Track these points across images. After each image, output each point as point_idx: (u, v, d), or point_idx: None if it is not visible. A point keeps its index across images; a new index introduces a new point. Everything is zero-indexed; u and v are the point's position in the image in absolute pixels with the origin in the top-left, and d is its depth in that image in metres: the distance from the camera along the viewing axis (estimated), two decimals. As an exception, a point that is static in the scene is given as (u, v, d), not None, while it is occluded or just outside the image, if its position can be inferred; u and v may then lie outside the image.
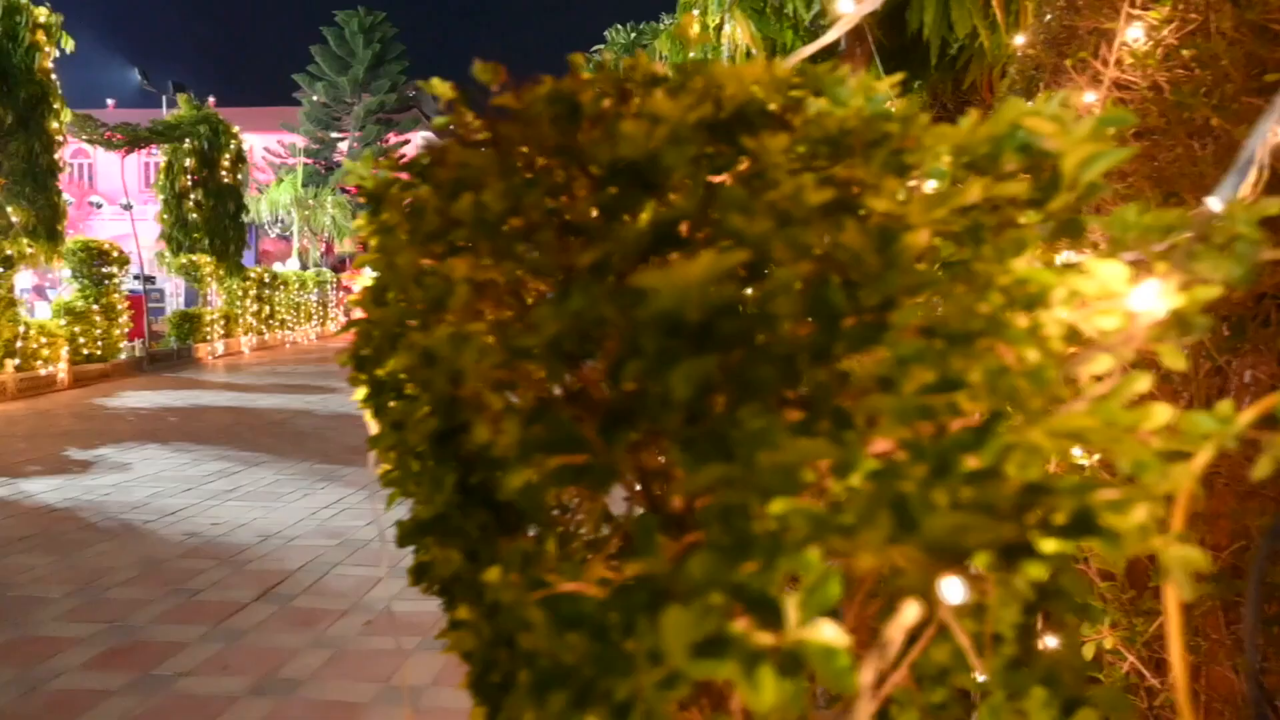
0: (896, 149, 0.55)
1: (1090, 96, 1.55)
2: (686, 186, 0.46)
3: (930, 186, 0.59)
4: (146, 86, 24.69)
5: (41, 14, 10.86)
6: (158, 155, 19.08)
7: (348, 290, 26.53)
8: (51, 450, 7.07)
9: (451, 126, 0.72)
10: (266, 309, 18.74)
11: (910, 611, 0.40)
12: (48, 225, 11.00)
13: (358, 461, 6.58)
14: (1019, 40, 2.03)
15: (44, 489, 5.65)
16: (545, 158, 0.54)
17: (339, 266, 27.73)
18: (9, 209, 10.73)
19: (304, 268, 23.72)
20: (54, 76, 11.14)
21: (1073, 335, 0.48)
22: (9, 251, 9.96)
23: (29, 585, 3.80)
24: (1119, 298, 0.46)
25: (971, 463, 0.40)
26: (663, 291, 0.35)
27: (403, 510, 0.79)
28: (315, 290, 22.10)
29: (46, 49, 10.90)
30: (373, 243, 0.83)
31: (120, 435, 7.83)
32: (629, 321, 0.38)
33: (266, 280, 18.77)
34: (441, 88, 0.74)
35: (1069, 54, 1.68)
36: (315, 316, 22.17)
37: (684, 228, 0.49)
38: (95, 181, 33.48)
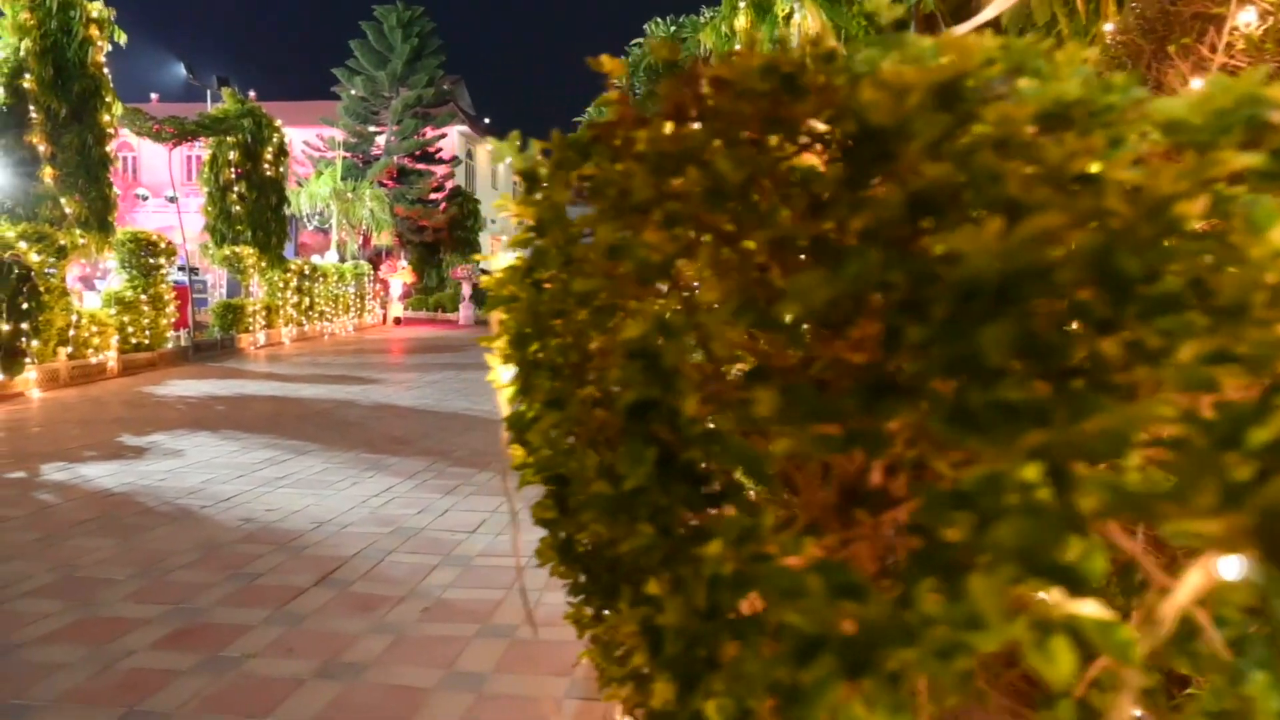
0: (1114, 121, 0.54)
1: (1197, 83, 1.51)
2: (935, 154, 0.45)
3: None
4: (192, 81, 25.12)
5: (95, 9, 11.09)
6: (198, 149, 19.41)
7: (384, 283, 26.78)
8: (106, 436, 7.23)
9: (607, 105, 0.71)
10: (306, 301, 18.99)
11: (1186, 589, 0.39)
12: (99, 216, 11.25)
13: (403, 451, 6.66)
14: (1108, 28, 1.99)
15: (102, 473, 5.78)
16: (759, 130, 0.54)
17: (376, 259, 28.02)
18: (62, 200, 10.98)
19: (342, 260, 24.00)
20: (106, 70, 11.38)
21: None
22: (62, 242, 10.19)
23: (94, 567, 3.89)
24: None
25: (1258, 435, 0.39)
26: (972, 255, 0.35)
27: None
28: (353, 283, 22.36)
29: (99, 43, 11.14)
30: (524, 221, 0.83)
31: (170, 423, 7.99)
32: (915, 287, 0.38)
33: (306, 272, 19.02)
34: (611, 64, 0.74)
35: (1170, 40, 1.64)
36: (353, 309, 22.44)
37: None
38: (139, 174, 34.15)
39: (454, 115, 33.41)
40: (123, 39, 11.38)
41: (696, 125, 0.62)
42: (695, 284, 0.53)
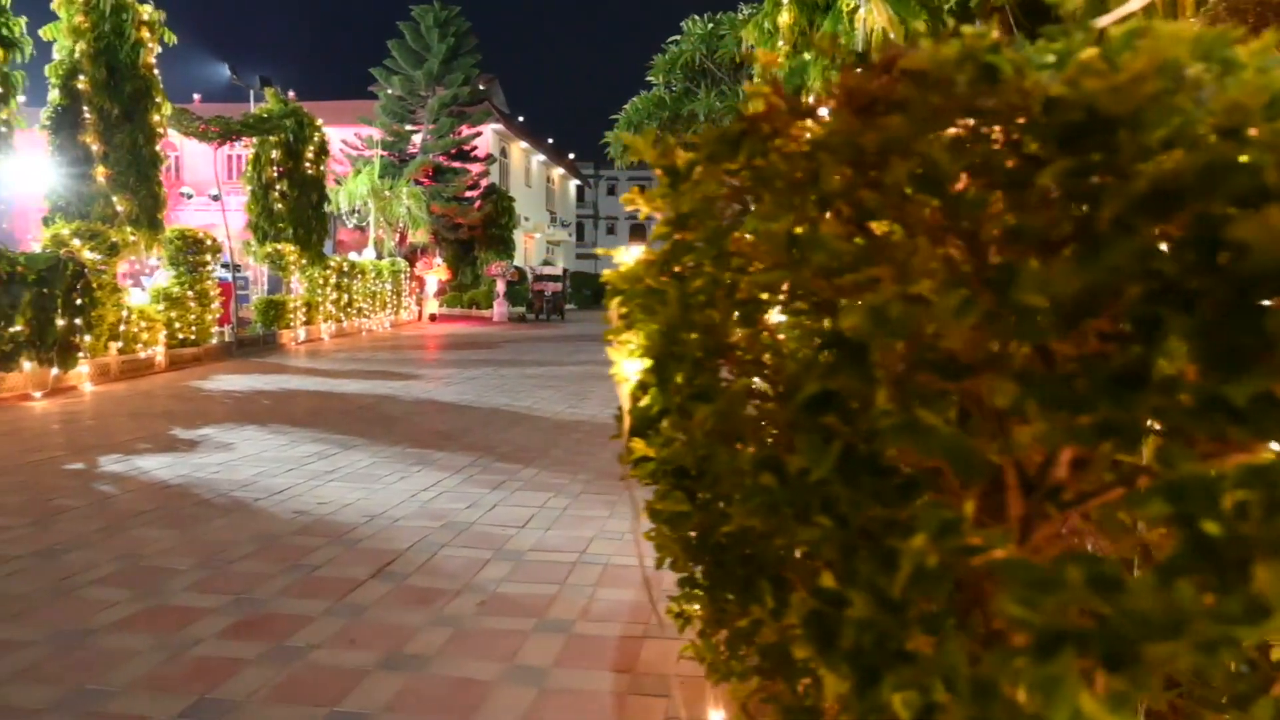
0: (1321, 111, 0.53)
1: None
2: (1167, 143, 0.44)
3: None
4: (236, 81, 25.56)
5: (146, 11, 11.34)
6: (238, 149, 19.74)
7: (420, 280, 27.03)
8: (158, 429, 7.39)
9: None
10: (345, 297, 19.24)
11: None
12: (149, 214, 11.50)
13: (448, 446, 6.72)
14: (1192, 21, 1.96)
15: (156, 466, 5.91)
16: (956, 120, 0.54)
17: (412, 257, 28.29)
18: (114, 198, 11.23)
19: (379, 257, 24.28)
20: (156, 71, 11.63)
21: None
22: (114, 239, 10.43)
23: (157, 557, 3.98)
24: None
25: None
26: (1262, 246, 0.34)
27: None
28: (390, 280, 22.62)
29: (150, 45, 11.39)
30: (664, 214, 0.83)
31: (219, 416, 8.14)
32: (1183, 276, 0.37)
33: (345, 269, 19.27)
34: (767, 57, 0.74)
35: (1264, 30, 1.59)
36: (389, 305, 22.69)
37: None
38: (182, 173, 34.80)
39: (489, 114, 33.65)
40: (172, 41, 11.63)
41: (841, 114, 0.62)
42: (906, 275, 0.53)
